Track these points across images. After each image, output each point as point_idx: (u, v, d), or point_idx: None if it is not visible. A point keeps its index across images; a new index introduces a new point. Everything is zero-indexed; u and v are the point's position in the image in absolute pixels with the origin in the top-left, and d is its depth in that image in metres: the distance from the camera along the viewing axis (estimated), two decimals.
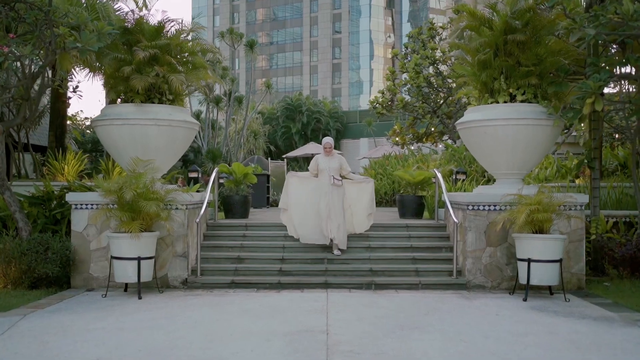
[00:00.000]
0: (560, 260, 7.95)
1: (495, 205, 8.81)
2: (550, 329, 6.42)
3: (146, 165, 8.46)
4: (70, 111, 18.36)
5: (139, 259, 7.96)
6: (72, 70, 11.57)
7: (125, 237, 7.91)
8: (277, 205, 19.68)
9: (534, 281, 7.93)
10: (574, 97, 8.54)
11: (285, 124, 46.77)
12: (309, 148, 32.39)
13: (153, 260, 8.30)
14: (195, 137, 35.15)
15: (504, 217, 8.12)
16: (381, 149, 30.70)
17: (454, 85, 23.63)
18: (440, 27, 24.74)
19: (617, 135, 15.88)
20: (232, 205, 11.63)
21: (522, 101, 9.06)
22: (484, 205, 8.84)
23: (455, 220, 8.85)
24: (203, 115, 35.76)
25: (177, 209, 8.73)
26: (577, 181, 12.89)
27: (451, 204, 9.42)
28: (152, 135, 8.97)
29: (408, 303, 7.73)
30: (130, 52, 8.90)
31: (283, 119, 47.08)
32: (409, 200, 11.72)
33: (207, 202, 10.05)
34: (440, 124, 25.17)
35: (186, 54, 9.55)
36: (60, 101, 13.41)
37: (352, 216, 9.74)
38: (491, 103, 9.26)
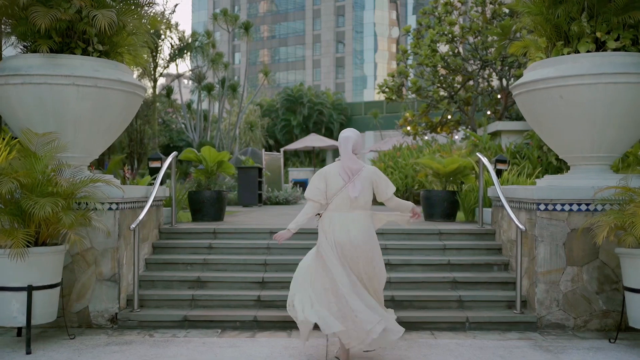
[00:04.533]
0: None
1: (580, 204, 5.85)
2: None
3: (47, 140, 5.52)
4: None
5: (29, 288, 5.03)
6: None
7: (3, 255, 4.97)
8: (270, 203, 16.94)
9: None
10: None
11: (285, 117, 43.71)
12: (309, 140, 29.39)
13: (58, 289, 5.37)
14: (187, 129, 32.42)
15: (609, 221, 5.13)
16: (389, 142, 27.72)
17: (472, 66, 20.66)
18: (459, 0, 21.68)
19: None
20: (201, 203, 8.69)
21: (614, 49, 6.12)
22: (562, 204, 5.88)
23: (521, 225, 5.87)
24: (194, 106, 32.86)
25: (99, 209, 5.79)
26: None
27: (508, 201, 6.46)
28: (70, 100, 6.03)
29: None
30: None
31: (283, 111, 44.01)
32: (438, 197, 8.74)
33: (159, 200, 7.17)
34: (458, 111, 22.15)
35: None
36: None
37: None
38: (568, 54, 6.32)
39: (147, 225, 6.82)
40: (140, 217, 6.05)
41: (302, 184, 24.92)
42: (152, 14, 6.82)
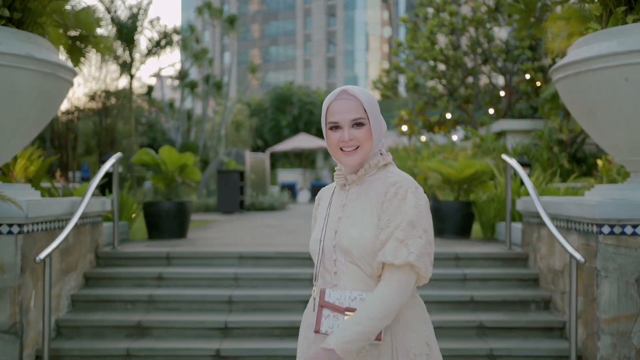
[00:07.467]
0: None
1: None
2: None
3: None
4: None
5: None
6: None
7: None
8: (254, 209, 15.30)
9: None
10: None
11: (274, 117, 41.99)
12: (299, 141, 27.77)
13: None
14: (170, 129, 30.69)
15: None
16: (383, 142, 26.16)
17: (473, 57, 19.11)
18: None
19: None
20: (158, 217, 7.04)
21: None
22: (634, 225, 4.28)
23: (578, 256, 4.26)
24: (177, 104, 31.13)
25: None
26: None
27: (552, 218, 4.85)
28: None
29: None
30: None
31: (272, 111, 42.28)
32: (449, 208, 7.13)
33: (97, 215, 5.53)
34: (458, 110, 20.60)
35: None
36: None
37: None
38: (634, 22, 4.73)
39: (76, 250, 5.18)
40: (55, 244, 4.38)
41: (291, 188, 23.33)
42: None
